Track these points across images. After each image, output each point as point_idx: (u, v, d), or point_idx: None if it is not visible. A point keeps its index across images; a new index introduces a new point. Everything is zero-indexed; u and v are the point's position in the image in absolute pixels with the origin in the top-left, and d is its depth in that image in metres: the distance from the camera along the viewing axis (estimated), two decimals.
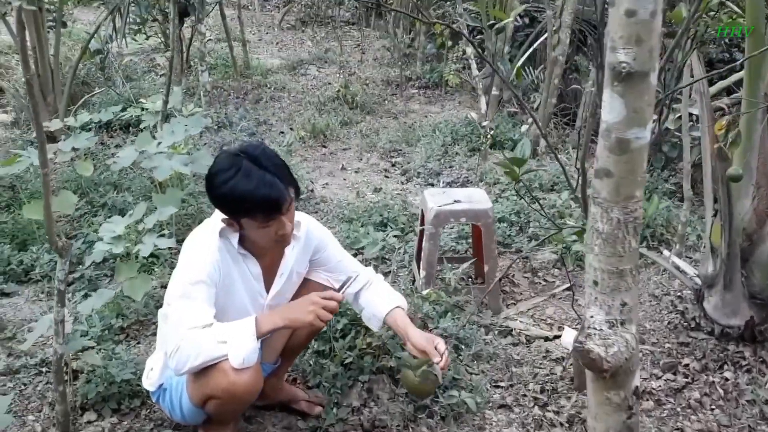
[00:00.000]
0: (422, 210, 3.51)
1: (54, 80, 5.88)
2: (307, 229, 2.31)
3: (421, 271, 3.36)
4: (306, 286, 2.41)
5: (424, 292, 3.08)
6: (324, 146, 6.49)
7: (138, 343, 3.06)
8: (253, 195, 1.95)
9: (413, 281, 3.47)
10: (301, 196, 3.85)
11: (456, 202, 3.34)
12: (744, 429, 2.42)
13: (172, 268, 3.52)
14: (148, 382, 2.33)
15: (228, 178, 1.97)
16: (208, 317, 2.03)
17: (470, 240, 4.09)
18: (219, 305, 2.10)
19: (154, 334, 3.10)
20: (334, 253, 2.41)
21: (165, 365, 2.25)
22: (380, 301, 2.38)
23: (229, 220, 2.07)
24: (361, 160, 6.10)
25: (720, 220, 2.70)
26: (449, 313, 3.07)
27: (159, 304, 3.26)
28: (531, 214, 4.33)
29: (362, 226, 4.23)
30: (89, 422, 2.50)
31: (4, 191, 4.46)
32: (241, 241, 2.16)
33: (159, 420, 2.52)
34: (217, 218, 2.15)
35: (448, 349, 2.23)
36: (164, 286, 3.42)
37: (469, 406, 2.47)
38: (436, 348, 2.20)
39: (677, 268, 3.52)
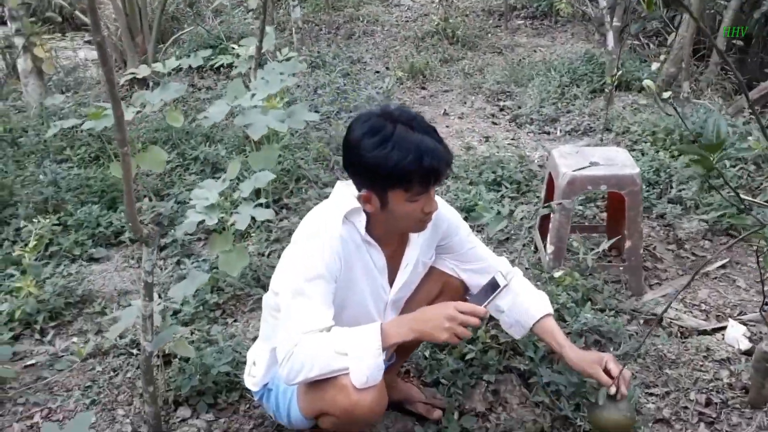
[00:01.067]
0: (549, 173, 3.06)
1: (142, 18, 5.67)
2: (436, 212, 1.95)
3: (548, 245, 2.93)
4: (429, 275, 2.05)
5: (557, 274, 2.68)
6: (423, 88, 6.04)
7: (235, 320, 2.82)
8: (414, 161, 1.64)
9: (536, 256, 3.05)
10: None
11: (593, 164, 2.87)
12: None
13: (272, 238, 3.37)
14: (252, 381, 2.06)
15: (381, 142, 1.66)
16: (326, 319, 1.72)
17: (601, 203, 3.62)
18: (337, 302, 1.79)
19: (252, 311, 2.87)
20: (464, 238, 2.03)
21: (271, 362, 1.98)
22: (526, 305, 2.01)
23: (368, 194, 1.74)
24: (465, 103, 5.63)
25: None
26: (589, 302, 2.64)
27: (256, 277, 3.02)
28: (674, 172, 3.78)
29: (471, 184, 3.82)
30: (183, 420, 2.28)
31: (93, 141, 4.30)
32: (368, 227, 1.82)
33: (259, 418, 2.27)
34: (340, 198, 1.82)
35: (623, 369, 1.84)
36: (261, 254, 3.17)
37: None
38: (607, 371, 1.81)
39: None
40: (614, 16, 5.26)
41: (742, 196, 2.59)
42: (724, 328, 2.63)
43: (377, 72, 6.23)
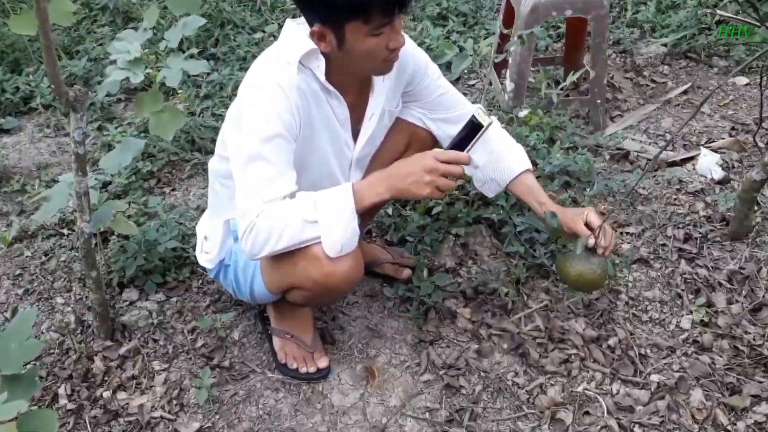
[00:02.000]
0: (507, 1, 2.73)
1: None
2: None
3: (507, 83, 2.67)
4: (394, 127, 1.78)
5: (522, 114, 2.44)
6: None
7: (173, 189, 2.53)
8: None
9: (492, 95, 2.79)
10: None
11: None
12: None
13: (201, 94, 2.98)
14: (205, 258, 1.81)
15: None
16: (290, 184, 1.46)
17: (554, 32, 3.33)
18: (296, 163, 1.52)
19: (191, 177, 2.57)
20: (434, 82, 1.73)
21: (225, 236, 1.74)
22: (502, 160, 1.76)
23: (322, 30, 1.41)
24: None
25: None
26: (558, 142, 2.44)
27: (190, 140, 2.68)
28: None
29: (415, 20, 3.46)
30: (131, 303, 2.04)
31: None
32: (328, 72, 1.50)
33: (216, 294, 2.06)
34: (292, 40, 1.49)
35: (606, 222, 1.64)
36: (192, 113, 2.81)
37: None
38: (587, 225, 1.62)
39: None
40: None
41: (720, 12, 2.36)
42: (693, 157, 2.49)
43: None
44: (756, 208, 2.14)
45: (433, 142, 1.82)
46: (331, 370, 1.81)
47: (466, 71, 3.05)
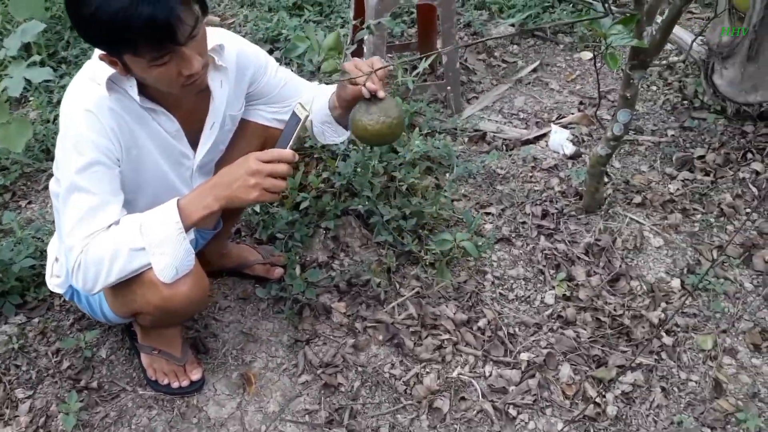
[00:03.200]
0: None
1: None
2: (236, 53, 1.55)
3: None
4: (243, 131, 1.69)
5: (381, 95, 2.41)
6: None
7: (29, 203, 2.34)
8: (129, 15, 1.18)
9: None
10: None
11: None
12: None
13: (54, 100, 2.74)
14: (55, 282, 1.70)
15: None
16: (112, 213, 1.35)
17: (408, 18, 3.35)
18: (128, 184, 1.42)
19: (48, 188, 2.36)
20: (273, 78, 1.66)
21: None
22: (319, 100, 1.62)
23: (108, 57, 1.29)
24: None
25: None
26: (417, 128, 2.44)
27: (45, 149, 2.48)
28: None
29: (271, 11, 3.37)
30: None
31: None
32: (143, 90, 1.39)
33: (80, 311, 1.90)
34: (98, 63, 1.35)
35: (386, 66, 1.48)
36: (46, 121, 2.60)
37: (467, 251, 1.93)
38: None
39: None
40: None
41: None
42: (546, 134, 2.57)
43: None
44: (606, 180, 2.24)
45: None
46: (205, 382, 1.74)
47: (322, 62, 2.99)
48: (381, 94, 1.45)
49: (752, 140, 2.38)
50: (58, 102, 2.71)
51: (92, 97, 1.34)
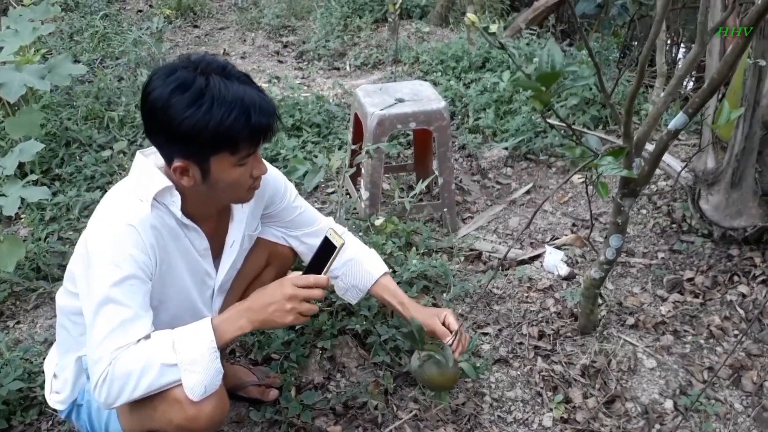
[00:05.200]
0: (355, 113, 2.90)
1: None
2: None
3: (362, 192, 2.80)
4: (256, 246, 1.81)
5: (378, 222, 2.56)
6: (196, 26, 5.57)
7: (17, 323, 2.39)
8: (240, 117, 1.38)
9: (350, 204, 2.91)
10: None
11: (399, 101, 2.76)
12: None
13: (47, 218, 2.86)
14: (56, 399, 1.70)
15: (195, 99, 1.36)
16: (144, 328, 1.42)
17: (404, 140, 3.56)
18: (154, 299, 1.50)
19: (38, 308, 2.45)
20: (291, 203, 1.81)
21: (77, 374, 1.65)
22: (361, 266, 1.85)
23: (185, 164, 1.42)
24: (245, 41, 5.28)
25: (743, 106, 2.31)
26: (414, 248, 2.57)
27: (35, 267, 2.56)
28: (469, 101, 3.81)
29: None
30: None
31: None
32: (183, 206, 1.52)
33: None
34: (144, 177, 1.49)
35: (462, 323, 1.76)
36: (38, 239, 2.69)
37: (465, 372, 2.01)
38: (445, 325, 1.73)
39: None
40: None
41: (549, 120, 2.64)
42: (540, 255, 2.70)
43: (140, 11, 5.62)
44: (600, 302, 2.35)
45: (294, 257, 1.89)
46: None
47: (323, 181, 3.17)
48: (459, 354, 1.74)
49: (738, 263, 2.51)
50: (51, 219, 2.83)
51: (135, 213, 1.44)
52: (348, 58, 4.80)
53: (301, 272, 1.53)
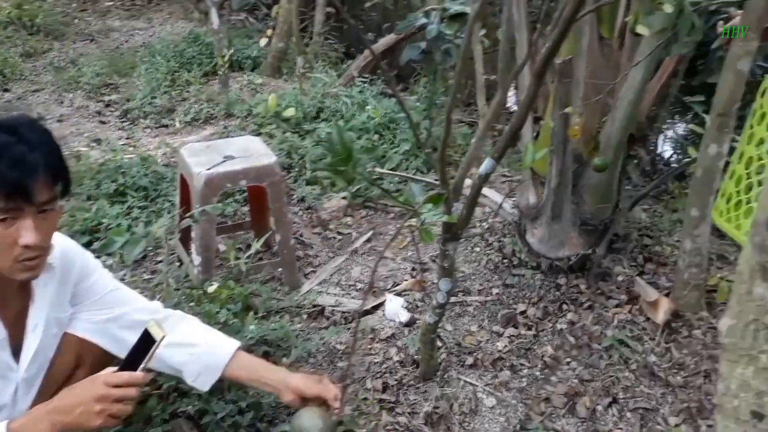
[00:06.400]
0: (181, 174, 2.86)
1: None
2: (61, 252, 1.61)
3: (194, 257, 2.76)
4: (64, 346, 1.69)
5: (211, 289, 2.52)
6: (6, 89, 5.28)
7: None
8: None
9: (182, 271, 2.85)
10: None
11: (228, 159, 2.75)
12: (608, 380, 2.34)
13: None
14: None
15: None
16: None
17: (240, 196, 3.55)
18: None
19: None
20: (100, 281, 1.73)
21: None
22: (207, 347, 1.78)
23: None
24: (62, 103, 5.08)
25: (551, 144, 2.52)
26: (253, 311, 2.55)
27: None
28: (305, 152, 3.88)
29: (90, 199, 3.43)
30: None
31: None
32: None
33: None
34: None
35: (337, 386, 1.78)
36: None
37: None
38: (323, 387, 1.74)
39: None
40: None
41: (379, 169, 2.76)
42: (382, 303, 2.77)
43: None
44: (440, 344, 2.44)
45: (107, 357, 1.75)
46: None
47: (151, 249, 3.08)
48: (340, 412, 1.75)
49: (565, 292, 2.71)
50: None
51: None
52: (177, 114, 4.74)
53: (116, 368, 1.47)
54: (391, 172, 2.99)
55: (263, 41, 5.11)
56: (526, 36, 2.61)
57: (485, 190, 3.34)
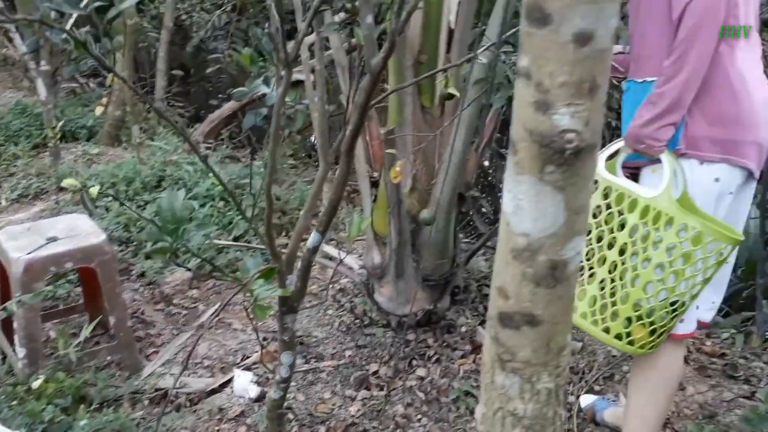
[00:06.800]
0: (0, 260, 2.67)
1: None
2: None
3: (18, 349, 2.55)
4: None
5: (35, 384, 2.34)
6: None
7: None
8: None
9: (6, 365, 2.63)
10: None
11: (51, 240, 2.60)
12: None
13: None
14: None
15: None
16: None
17: (74, 277, 3.35)
18: None
19: None
20: None
21: None
22: None
23: None
24: None
25: (388, 207, 2.57)
26: (85, 404, 2.38)
27: None
28: (144, 224, 3.73)
29: None
30: None
31: None
32: None
33: None
34: None
35: None
36: None
37: None
38: None
39: (328, 257, 3.41)
40: (41, 60, 4.92)
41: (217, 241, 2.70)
42: (231, 380, 2.68)
43: None
44: (291, 417, 2.38)
45: None
46: None
47: None
48: None
49: (415, 348, 2.74)
50: None
51: None
52: (3, 191, 4.44)
53: None
54: (228, 242, 2.93)
55: (99, 110, 4.93)
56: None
57: (331, 251, 3.36)
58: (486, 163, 4.27)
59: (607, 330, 1.86)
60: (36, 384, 2.33)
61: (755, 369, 2.83)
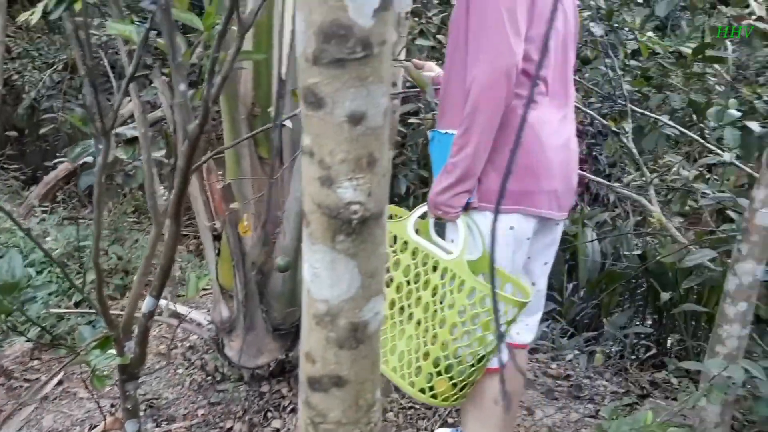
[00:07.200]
0: None
1: None
2: None
3: None
4: None
5: None
6: None
7: None
8: None
9: None
10: None
11: None
12: None
13: None
14: None
15: None
16: None
17: None
18: None
19: None
20: None
21: None
22: None
23: None
24: None
25: (232, 260, 2.62)
26: None
27: None
28: None
29: None
30: None
31: None
32: None
33: None
34: None
35: None
36: None
37: None
38: None
39: (177, 315, 3.39)
40: None
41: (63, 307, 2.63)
42: None
43: None
44: None
45: None
46: None
47: None
48: None
49: (269, 399, 2.79)
50: None
51: None
52: None
53: None
54: (67, 310, 2.86)
55: None
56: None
57: (180, 309, 3.34)
58: None
59: (412, 384, 1.96)
60: None
61: (599, 387, 3.10)
